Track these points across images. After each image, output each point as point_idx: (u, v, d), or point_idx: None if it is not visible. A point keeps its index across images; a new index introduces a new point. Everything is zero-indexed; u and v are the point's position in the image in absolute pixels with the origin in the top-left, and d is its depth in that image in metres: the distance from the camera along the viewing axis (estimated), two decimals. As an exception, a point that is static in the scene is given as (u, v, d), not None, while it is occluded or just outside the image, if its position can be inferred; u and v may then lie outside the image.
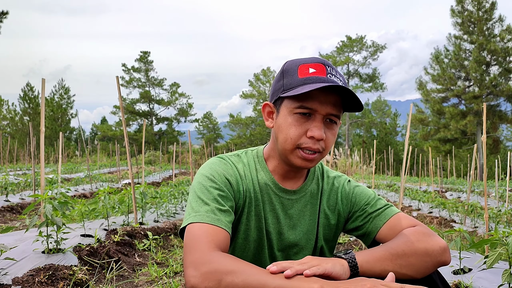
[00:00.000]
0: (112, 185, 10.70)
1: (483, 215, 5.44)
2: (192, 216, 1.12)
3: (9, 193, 6.90)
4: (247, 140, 40.77)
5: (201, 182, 1.19)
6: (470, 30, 28.62)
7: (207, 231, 1.08)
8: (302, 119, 1.16)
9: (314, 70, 1.16)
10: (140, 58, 41.84)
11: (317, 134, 1.15)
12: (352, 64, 40.26)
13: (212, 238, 1.07)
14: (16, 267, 2.43)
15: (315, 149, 1.17)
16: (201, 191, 1.17)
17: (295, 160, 1.20)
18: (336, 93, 1.16)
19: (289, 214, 1.30)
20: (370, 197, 1.33)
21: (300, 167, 1.22)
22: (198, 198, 1.16)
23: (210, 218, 1.10)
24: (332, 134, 1.20)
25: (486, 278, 2.49)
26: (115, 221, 4.36)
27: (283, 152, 1.22)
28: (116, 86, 4.26)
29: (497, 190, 8.87)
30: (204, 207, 1.13)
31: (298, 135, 1.17)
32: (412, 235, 1.17)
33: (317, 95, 1.14)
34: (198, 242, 1.05)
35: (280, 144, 1.22)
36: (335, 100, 1.16)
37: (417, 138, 36.32)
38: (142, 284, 2.84)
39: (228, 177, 1.23)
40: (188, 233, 1.09)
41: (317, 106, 1.15)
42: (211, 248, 1.04)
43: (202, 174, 1.22)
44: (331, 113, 1.17)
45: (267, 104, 1.28)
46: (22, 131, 34.72)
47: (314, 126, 1.16)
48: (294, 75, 1.17)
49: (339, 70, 1.22)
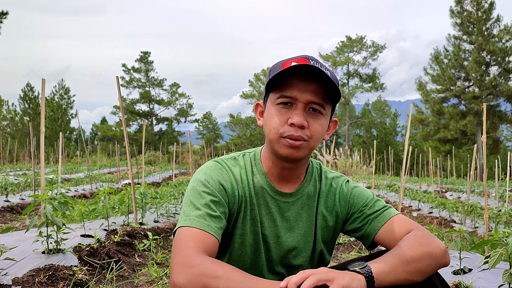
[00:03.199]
0: (112, 185, 10.70)
1: (483, 215, 5.44)
2: (183, 220, 1.13)
3: (9, 194, 6.90)
4: (247, 140, 40.77)
5: (194, 187, 1.20)
6: (470, 31, 28.63)
7: (195, 235, 1.09)
8: (283, 109, 1.18)
9: (296, 64, 1.16)
10: (140, 59, 41.86)
11: (296, 121, 1.15)
12: (352, 64, 40.27)
13: (200, 242, 1.07)
14: (16, 267, 2.43)
15: (297, 136, 1.16)
16: (194, 196, 1.18)
17: (281, 150, 1.19)
18: (317, 82, 1.16)
19: (286, 217, 1.30)
20: (368, 198, 1.32)
21: (288, 157, 1.21)
22: (190, 203, 1.17)
23: (199, 223, 1.11)
24: (317, 123, 1.19)
25: (486, 278, 2.49)
26: (115, 221, 4.36)
27: (271, 145, 1.22)
28: (116, 86, 4.26)
29: (497, 190, 8.87)
30: (194, 212, 1.14)
31: (279, 124, 1.17)
32: (416, 240, 1.16)
33: (297, 84, 1.15)
34: (186, 245, 1.06)
35: (267, 137, 1.23)
36: (316, 88, 1.16)
37: (417, 138, 36.32)
38: (142, 284, 2.84)
39: (223, 183, 1.23)
40: (177, 236, 1.11)
41: (296, 94, 1.15)
42: (198, 251, 1.05)
43: (196, 179, 1.23)
44: (312, 101, 1.16)
45: (259, 104, 1.31)
46: (22, 131, 34.72)
47: (294, 113, 1.16)
48: (278, 70, 1.18)
49: (325, 65, 1.22)
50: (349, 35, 39.35)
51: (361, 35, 39.44)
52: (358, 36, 39.26)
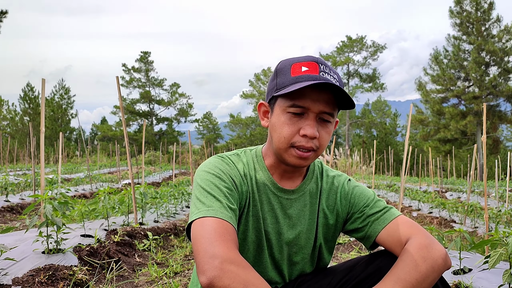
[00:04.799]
0: (112, 185, 10.69)
1: (483, 215, 5.44)
2: (204, 211, 1.08)
3: (9, 193, 6.90)
4: (247, 140, 40.76)
5: (208, 179, 1.17)
6: (469, 31, 28.63)
7: (224, 227, 1.05)
8: (294, 118, 1.17)
9: (306, 69, 1.15)
10: (141, 58, 41.85)
11: (309, 132, 1.14)
12: (352, 64, 40.26)
13: (232, 237, 1.05)
14: (16, 267, 2.43)
15: (308, 147, 1.17)
16: (210, 187, 1.15)
17: (290, 158, 1.20)
18: (329, 91, 1.15)
19: (288, 214, 1.30)
20: (369, 198, 1.32)
21: (295, 166, 1.22)
22: (208, 194, 1.13)
23: (223, 215, 1.08)
24: (326, 132, 1.19)
25: (486, 278, 2.49)
26: (115, 221, 4.36)
27: (278, 151, 1.22)
28: (116, 86, 4.26)
29: (497, 190, 8.87)
30: (216, 203, 1.10)
31: (291, 134, 1.17)
32: (417, 254, 1.13)
33: (309, 93, 1.14)
34: (221, 237, 1.02)
35: (274, 143, 1.22)
36: (328, 98, 1.16)
37: (417, 138, 36.31)
38: (142, 284, 2.84)
39: (233, 177, 1.22)
40: (204, 226, 1.05)
41: (309, 104, 1.14)
42: (236, 249, 1.03)
43: (207, 172, 1.19)
44: (324, 111, 1.16)
45: (263, 104, 1.29)
46: (22, 131, 34.72)
47: (306, 124, 1.15)
48: (287, 74, 1.17)
49: (333, 68, 1.21)
50: (349, 35, 39.36)
51: (362, 35, 39.46)
52: (359, 36, 39.27)
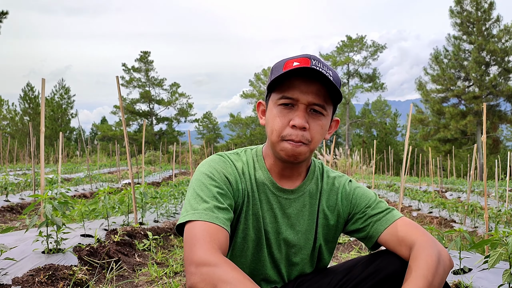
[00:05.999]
0: (112, 185, 10.69)
1: (483, 215, 5.44)
2: (191, 214, 1.11)
3: (9, 193, 6.89)
4: (247, 140, 40.77)
5: (200, 180, 1.19)
6: (469, 31, 28.63)
7: (206, 229, 1.07)
8: (285, 110, 1.18)
9: (298, 64, 1.16)
10: (140, 58, 41.84)
11: (297, 122, 1.15)
12: (352, 64, 40.26)
13: (213, 237, 1.06)
14: (16, 267, 2.42)
15: (297, 140, 1.17)
16: (200, 188, 1.17)
17: (282, 152, 1.20)
18: (318, 83, 1.16)
19: (287, 214, 1.30)
20: (371, 199, 1.32)
21: (288, 161, 1.22)
22: (197, 196, 1.15)
23: (208, 216, 1.10)
24: (318, 125, 1.19)
25: (486, 278, 2.49)
26: (115, 221, 4.36)
27: (272, 147, 1.23)
28: (116, 86, 4.26)
29: (497, 190, 8.87)
30: (202, 205, 1.12)
31: (282, 126, 1.18)
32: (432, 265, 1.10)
33: (298, 85, 1.16)
34: (200, 241, 1.05)
35: (268, 138, 1.24)
36: (317, 89, 1.16)
37: (417, 138, 36.31)
38: (142, 284, 2.84)
39: (228, 176, 1.23)
40: (188, 231, 1.09)
41: (298, 95, 1.16)
42: (213, 249, 1.03)
43: (201, 172, 1.22)
44: (314, 102, 1.17)
45: (261, 103, 1.31)
46: (22, 131, 34.73)
47: (296, 115, 1.16)
48: (280, 70, 1.18)
49: (328, 65, 1.21)
50: (349, 35, 39.36)
51: (362, 35, 39.48)
52: (359, 35, 39.27)
